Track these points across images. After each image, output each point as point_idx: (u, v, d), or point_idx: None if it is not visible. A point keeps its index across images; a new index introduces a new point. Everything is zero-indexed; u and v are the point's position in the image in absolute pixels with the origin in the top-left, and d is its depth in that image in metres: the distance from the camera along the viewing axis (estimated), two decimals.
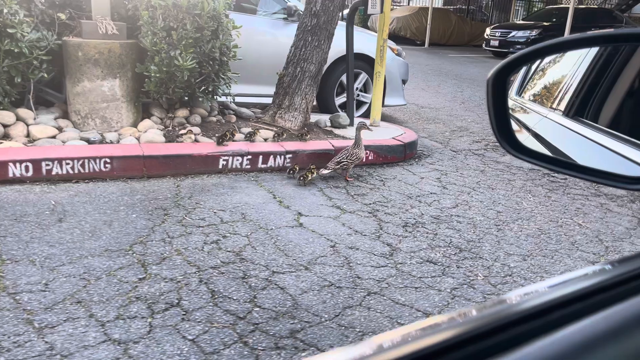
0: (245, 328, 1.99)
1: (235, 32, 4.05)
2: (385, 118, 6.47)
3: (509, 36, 14.79)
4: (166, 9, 3.55)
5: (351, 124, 4.85)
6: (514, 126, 1.08)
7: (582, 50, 1.38)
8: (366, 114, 5.71)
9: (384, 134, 4.69)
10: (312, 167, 3.62)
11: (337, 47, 5.18)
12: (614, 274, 0.47)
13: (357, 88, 5.72)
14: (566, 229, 3.29)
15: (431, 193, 3.78)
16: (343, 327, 2.06)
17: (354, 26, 6.31)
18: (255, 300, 2.19)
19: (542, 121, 1.49)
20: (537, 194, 3.93)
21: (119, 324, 1.94)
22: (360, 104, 5.78)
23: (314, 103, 5.58)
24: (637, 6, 21.95)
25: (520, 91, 1.65)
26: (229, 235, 2.77)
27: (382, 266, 2.61)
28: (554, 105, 1.51)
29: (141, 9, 3.59)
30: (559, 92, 1.53)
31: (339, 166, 3.68)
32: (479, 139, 5.61)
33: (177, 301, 2.13)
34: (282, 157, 3.85)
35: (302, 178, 3.58)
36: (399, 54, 6.01)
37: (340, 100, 5.67)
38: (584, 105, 1.36)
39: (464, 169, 4.47)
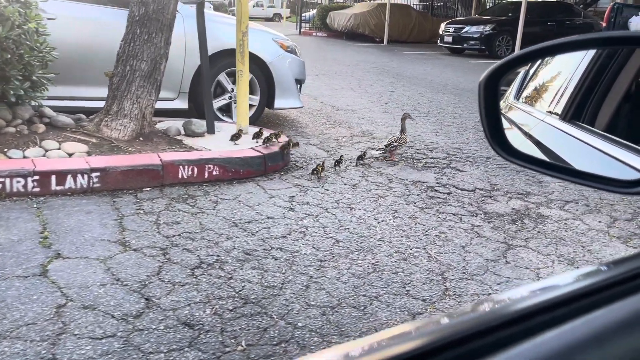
0: None
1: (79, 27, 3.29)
2: (285, 122, 5.79)
3: (462, 32, 14.22)
4: None
5: (210, 131, 4.14)
6: (510, 129, 1.13)
7: (577, 53, 1.37)
8: (254, 118, 5.02)
9: (244, 144, 3.99)
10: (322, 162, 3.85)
11: (212, 42, 4.49)
12: (595, 280, 0.47)
13: None
14: (409, 264, 2.61)
15: (268, 217, 3.08)
16: None
17: (228, 17, 5.59)
18: None
19: (539, 125, 1.48)
20: (401, 215, 3.25)
21: None
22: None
23: (175, 106, 4.89)
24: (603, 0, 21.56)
25: (518, 95, 1.66)
26: None
27: (107, 337, 1.90)
28: (551, 109, 1.49)
29: None
30: (556, 95, 1.52)
31: (388, 148, 4.27)
32: (378, 145, 4.93)
33: None
34: (86, 176, 3.12)
35: (314, 172, 3.73)
36: (291, 51, 5.31)
37: (219, 102, 4.96)
38: (580, 109, 1.36)
39: (333, 183, 3.78)
